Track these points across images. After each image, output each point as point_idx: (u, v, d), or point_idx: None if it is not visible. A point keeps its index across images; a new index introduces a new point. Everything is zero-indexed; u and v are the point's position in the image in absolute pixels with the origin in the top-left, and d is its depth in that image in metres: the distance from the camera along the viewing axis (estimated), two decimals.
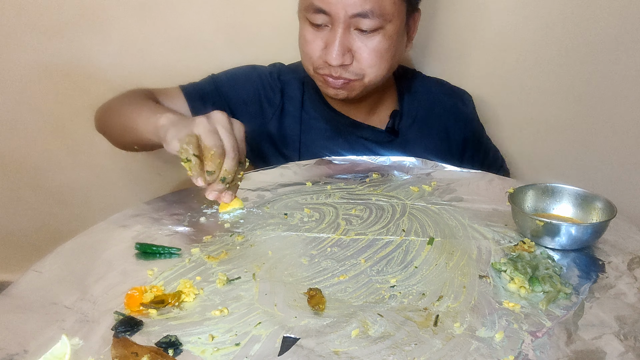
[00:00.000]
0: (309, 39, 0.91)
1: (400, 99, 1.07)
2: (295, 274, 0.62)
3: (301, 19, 0.93)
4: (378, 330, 0.52)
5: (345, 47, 0.88)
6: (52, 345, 0.48)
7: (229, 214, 0.77)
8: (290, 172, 0.91)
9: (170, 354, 0.48)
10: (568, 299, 0.58)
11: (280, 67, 1.08)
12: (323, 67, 0.91)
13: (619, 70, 1.18)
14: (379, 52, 0.89)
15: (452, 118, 1.08)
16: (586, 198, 0.71)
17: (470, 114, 1.12)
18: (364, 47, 0.89)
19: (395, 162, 0.94)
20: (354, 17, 0.85)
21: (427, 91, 1.09)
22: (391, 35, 0.89)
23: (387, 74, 0.94)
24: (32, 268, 0.62)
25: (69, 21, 1.23)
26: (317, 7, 0.87)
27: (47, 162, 1.39)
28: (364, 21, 0.86)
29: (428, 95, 1.08)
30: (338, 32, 0.87)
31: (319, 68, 0.92)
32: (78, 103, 1.32)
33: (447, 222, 0.74)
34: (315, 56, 0.91)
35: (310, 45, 0.92)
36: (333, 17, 0.86)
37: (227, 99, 1.02)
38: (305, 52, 0.94)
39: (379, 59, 0.90)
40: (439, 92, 1.10)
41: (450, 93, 1.11)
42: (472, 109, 1.13)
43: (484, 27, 1.20)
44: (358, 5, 0.84)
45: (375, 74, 0.91)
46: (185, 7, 1.21)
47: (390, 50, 0.91)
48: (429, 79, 1.13)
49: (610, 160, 1.28)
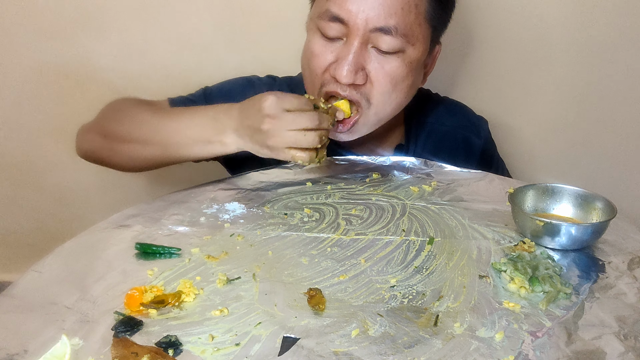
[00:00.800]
0: (317, 51, 0.81)
1: (407, 131, 0.98)
2: (295, 274, 0.62)
3: (311, 29, 0.83)
4: (378, 330, 0.52)
5: (359, 64, 0.78)
6: (52, 345, 0.48)
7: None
8: (290, 172, 0.91)
9: (170, 354, 0.48)
10: (568, 299, 0.58)
11: (280, 83, 0.99)
12: (329, 84, 0.81)
13: (619, 70, 1.18)
14: (395, 79, 0.79)
15: (462, 152, 0.98)
16: (586, 198, 0.71)
17: (484, 145, 1.01)
18: (379, 69, 0.78)
19: (395, 162, 0.94)
20: (375, 32, 0.76)
21: (438, 122, 0.98)
22: (411, 62, 0.80)
23: (396, 109, 0.85)
24: (32, 268, 0.62)
25: (69, 21, 1.23)
26: (335, 15, 0.76)
27: (47, 162, 1.39)
28: (385, 38, 0.76)
29: (439, 127, 0.98)
30: (354, 45, 0.77)
31: (324, 84, 0.81)
32: (78, 103, 1.32)
33: (447, 222, 0.74)
34: (322, 70, 0.81)
35: (318, 59, 0.81)
36: (351, 29, 0.77)
37: None
38: (310, 67, 0.83)
39: (393, 87, 0.80)
40: (451, 124, 0.99)
41: (464, 125, 1.00)
42: (487, 138, 1.03)
43: (485, 28, 1.20)
44: (382, 18, 0.75)
45: (384, 103, 0.82)
46: (185, 7, 1.21)
47: (406, 80, 0.81)
48: (442, 106, 1.02)
49: (610, 160, 1.28)
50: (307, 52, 0.84)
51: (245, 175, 0.89)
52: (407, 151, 0.97)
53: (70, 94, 1.31)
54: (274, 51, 1.23)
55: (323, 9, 0.79)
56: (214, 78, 1.08)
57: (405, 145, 0.98)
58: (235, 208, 0.78)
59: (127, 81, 1.29)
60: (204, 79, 1.25)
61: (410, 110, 0.96)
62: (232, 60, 1.26)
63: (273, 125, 0.73)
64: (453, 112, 1.03)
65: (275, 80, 1.01)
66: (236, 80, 1.01)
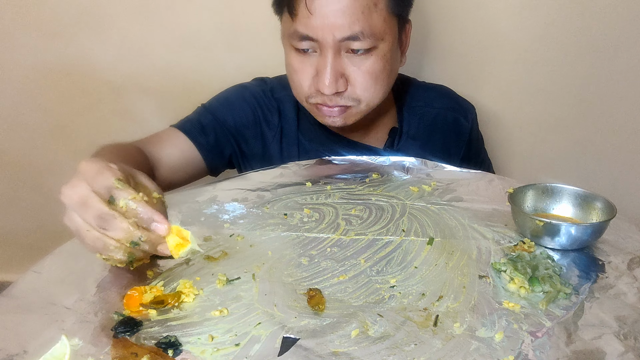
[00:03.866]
0: (296, 67, 0.85)
1: (399, 115, 1.02)
2: (295, 274, 0.62)
3: (286, 46, 0.87)
4: (378, 331, 0.52)
5: (338, 72, 0.82)
6: (52, 346, 0.48)
7: (187, 255, 0.58)
8: (290, 172, 0.91)
9: (170, 355, 0.48)
10: (568, 299, 0.58)
11: (271, 83, 1.02)
12: (316, 96, 0.86)
13: (619, 70, 1.18)
14: (373, 74, 0.84)
15: (453, 134, 1.03)
16: (586, 198, 0.71)
17: (472, 130, 1.06)
18: (357, 71, 0.83)
19: (395, 162, 0.94)
20: (344, 41, 0.80)
21: (428, 105, 1.03)
22: (385, 54, 0.84)
23: (384, 96, 0.89)
24: (32, 268, 0.62)
25: (69, 21, 1.23)
26: (302, 35, 0.81)
27: (47, 162, 1.40)
28: (355, 43, 0.80)
29: (429, 110, 1.02)
30: (328, 57, 0.81)
31: (311, 97, 0.87)
32: (78, 103, 1.32)
33: (447, 222, 0.74)
34: (306, 85, 0.86)
35: (299, 75, 0.85)
36: (321, 43, 0.81)
37: (226, 126, 0.97)
38: (294, 81, 0.87)
39: (375, 82, 0.85)
40: (440, 106, 1.04)
41: (452, 107, 1.05)
42: (474, 123, 1.07)
43: (484, 28, 1.20)
44: (347, 29, 0.79)
45: (371, 97, 0.86)
46: (185, 7, 1.21)
47: (385, 70, 0.85)
48: (431, 90, 1.06)
49: (610, 160, 1.28)
50: (288, 67, 0.89)
51: (245, 175, 0.89)
52: (401, 134, 1.00)
53: (70, 94, 1.31)
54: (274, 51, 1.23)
55: (291, 30, 0.83)
56: (214, 78, 1.09)
57: (398, 129, 1.01)
58: (235, 208, 0.78)
59: (127, 81, 1.29)
60: (204, 79, 1.26)
61: (400, 95, 1.02)
62: (232, 60, 1.26)
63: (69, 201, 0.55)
64: (441, 94, 1.06)
65: (265, 81, 1.03)
66: (229, 89, 1.02)
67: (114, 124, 1.34)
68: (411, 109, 1.02)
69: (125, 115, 1.33)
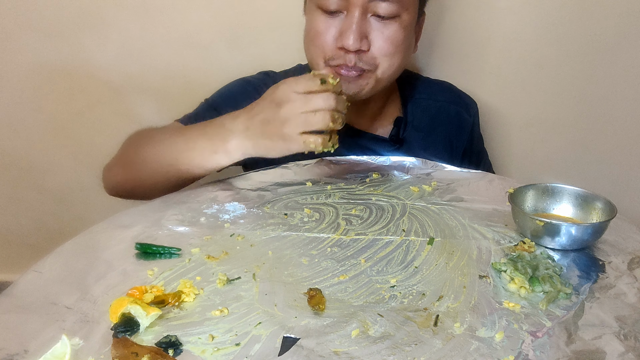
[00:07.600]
0: (321, 28, 0.88)
1: (404, 106, 1.04)
2: (295, 274, 0.62)
3: (310, 9, 0.90)
4: (378, 331, 0.52)
5: (362, 32, 0.85)
6: (52, 345, 0.48)
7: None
8: (290, 172, 0.91)
9: (170, 354, 0.48)
10: (568, 299, 0.58)
11: (275, 76, 1.04)
12: (337, 58, 0.88)
13: (619, 70, 1.18)
14: (395, 41, 0.87)
15: (455, 127, 1.06)
16: (586, 198, 0.71)
17: (474, 124, 1.09)
18: (380, 35, 0.87)
19: (395, 162, 0.94)
20: (372, 1, 0.84)
21: (431, 98, 1.06)
22: (406, 26, 0.88)
23: (397, 70, 0.92)
24: (32, 268, 0.62)
25: (69, 21, 1.23)
26: None
27: (47, 162, 1.40)
28: (382, 5, 0.84)
29: (433, 103, 1.05)
30: (355, 16, 0.84)
31: (332, 59, 0.89)
32: (78, 103, 1.32)
33: (447, 222, 0.74)
34: (329, 45, 0.88)
35: (322, 36, 0.88)
36: (350, 1, 0.84)
37: None
38: (316, 44, 0.90)
39: (395, 49, 0.88)
40: (444, 99, 1.07)
41: (455, 101, 1.08)
42: (476, 118, 1.10)
43: (486, 28, 1.20)
44: None
45: (387, 65, 0.89)
46: (185, 7, 1.21)
47: (404, 42, 0.89)
48: (434, 84, 1.10)
49: (610, 160, 1.28)
50: (310, 32, 0.91)
51: (245, 175, 0.89)
52: (405, 124, 1.02)
53: (70, 94, 1.31)
54: (275, 50, 1.23)
55: None
56: (214, 78, 1.09)
57: (403, 118, 1.03)
58: (235, 208, 0.78)
59: (127, 81, 1.29)
60: (204, 79, 1.26)
61: (404, 87, 1.05)
62: (233, 60, 1.26)
63: (286, 110, 0.74)
64: (444, 89, 1.10)
65: (269, 74, 1.05)
66: (232, 83, 1.03)
67: (113, 124, 1.34)
68: (415, 101, 1.05)
69: (125, 115, 1.33)
